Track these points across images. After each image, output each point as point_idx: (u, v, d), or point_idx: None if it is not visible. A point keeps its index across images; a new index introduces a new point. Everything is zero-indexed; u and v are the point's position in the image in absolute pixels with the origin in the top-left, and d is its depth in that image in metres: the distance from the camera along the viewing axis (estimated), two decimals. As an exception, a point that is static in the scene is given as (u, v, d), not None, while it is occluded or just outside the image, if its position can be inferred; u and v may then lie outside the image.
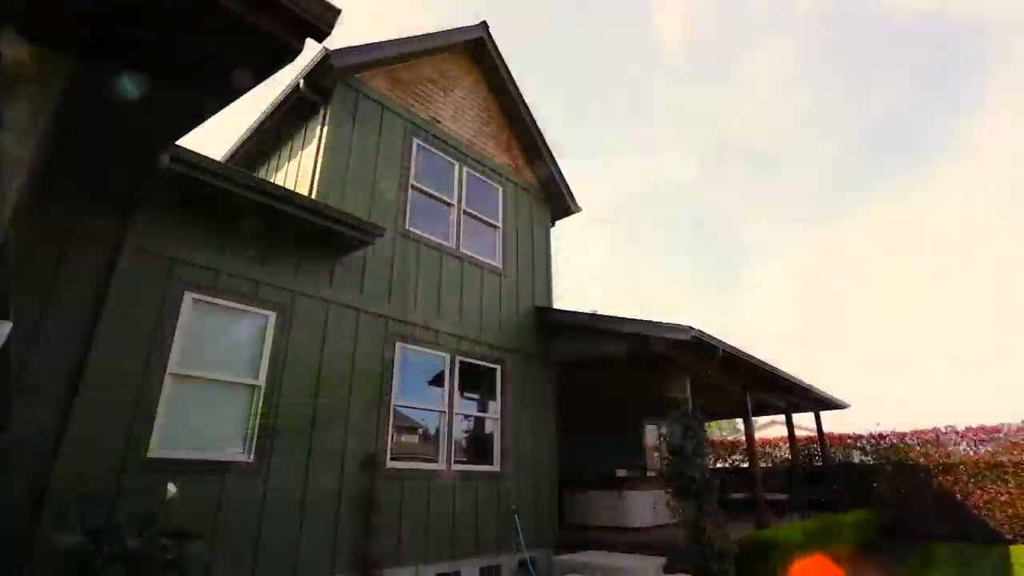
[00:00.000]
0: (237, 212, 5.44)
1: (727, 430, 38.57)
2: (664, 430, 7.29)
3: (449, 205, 8.30)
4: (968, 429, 12.63)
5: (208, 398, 5.16)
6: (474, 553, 6.86)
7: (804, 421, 14.84)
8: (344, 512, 5.69)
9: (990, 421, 12.67)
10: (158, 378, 4.72)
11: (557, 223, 10.65)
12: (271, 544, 5.06)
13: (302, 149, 7.36)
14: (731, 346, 7.77)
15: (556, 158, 10.12)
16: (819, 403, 13.16)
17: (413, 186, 7.74)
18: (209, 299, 5.22)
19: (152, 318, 4.81)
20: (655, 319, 7.18)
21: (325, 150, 6.73)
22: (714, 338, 7.31)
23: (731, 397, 10.42)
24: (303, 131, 7.50)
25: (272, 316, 5.65)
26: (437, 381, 7.29)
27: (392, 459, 6.34)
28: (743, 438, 14.38)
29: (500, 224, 9.02)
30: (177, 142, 4.24)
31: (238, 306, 5.43)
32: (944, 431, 12.91)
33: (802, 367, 14.34)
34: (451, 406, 7.21)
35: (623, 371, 9.97)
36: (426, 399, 7.13)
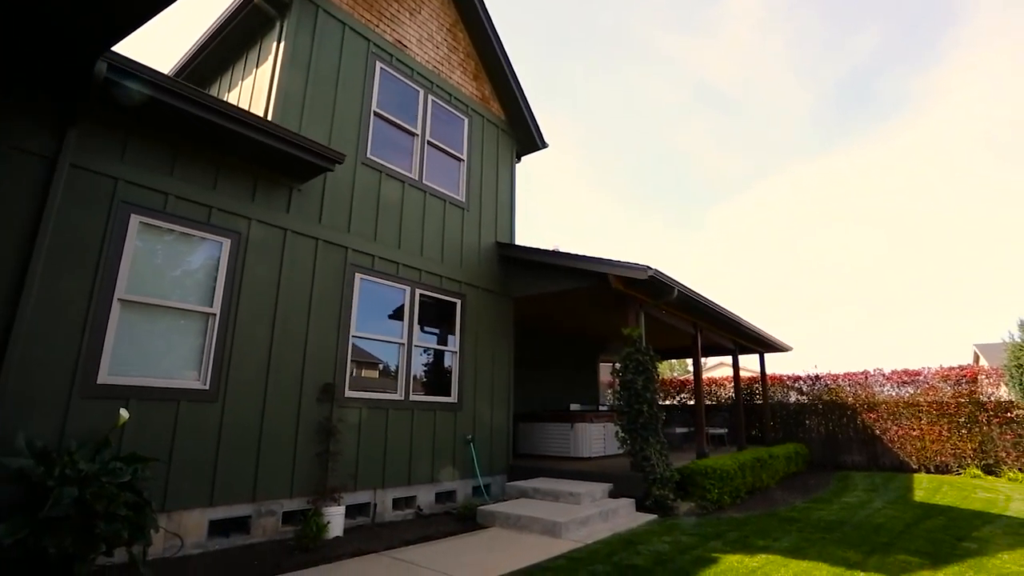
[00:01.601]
0: (185, 132, 5.14)
1: (679, 370, 40.50)
2: (618, 366, 7.59)
3: (412, 135, 8.03)
4: (893, 372, 13.64)
5: (161, 325, 5.04)
6: (430, 479, 7.16)
7: (750, 364, 15.67)
8: (302, 439, 5.80)
9: (914, 365, 13.73)
10: (105, 303, 4.57)
11: (523, 159, 10.49)
12: (229, 469, 5.15)
13: (257, 67, 6.90)
14: (686, 286, 8.04)
15: (524, 91, 9.83)
16: (764, 345, 13.90)
17: (376, 113, 7.42)
18: (158, 223, 4.99)
19: (96, 241, 4.59)
20: (614, 258, 7.32)
21: (282, 69, 6.33)
22: (670, 278, 7.53)
23: (684, 337, 10.89)
24: (258, 47, 7.01)
25: (226, 243, 5.47)
26: (397, 314, 7.32)
27: (351, 389, 6.43)
28: (693, 378, 15.15)
29: (464, 157, 8.82)
30: (116, 49, 3.92)
31: (190, 231, 5.23)
32: (872, 373, 13.90)
33: (751, 312, 14.97)
34: (410, 339, 7.28)
35: (581, 308, 10.22)
36: (386, 331, 7.16)
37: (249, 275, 5.60)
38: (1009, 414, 11.61)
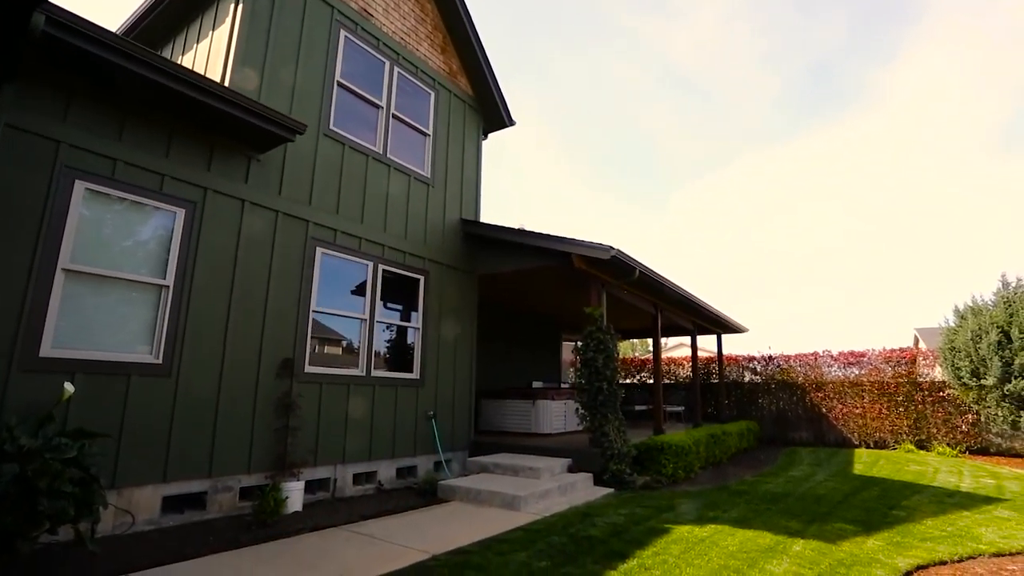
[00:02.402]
0: (134, 95, 4.90)
1: (640, 350, 41.46)
2: (579, 344, 7.72)
3: (377, 107, 7.84)
4: (840, 353, 14.31)
5: (111, 297, 4.85)
6: (391, 454, 7.18)
7: (709, 344, 16.17)
8: (260, 415, 5.72)
9: (859, 347, 14.44)
10: (48, 273, 4.36)
11: (490, 136, 10.40)
12: (184, 444, 5.05)
13: (213, 29, 6.58)
14: (647, 267, 8.20)
15: (492, 67, 9.69)
16: (721, 326, 14.35)
17: (339, 83, 7.21)
18: (106, 190, 4.76)
19: (37, 207, 4.35)
20: (578, 237, 7.40)
21: (240, 32, 6.06)
22: (631, 258, 7.67)
23: (645, 317, 11.13)
24: (215, 7, 6.68)
25: (180, 213, 5.27)
26: (359, 290, 7.23)
27: (311, 364, 6.35)
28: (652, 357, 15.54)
29: (431, 132, 8.68)
30: (58, 1, 3.68)
31: (142, 200, 5.01)
32: (821, 355, 14.55)
33: (711, 294, 15.44)
34: (372, 314, 7.22)
35: (545, 287, 10.32)
36: (347, 307, 7.07)
37: (205, 247, 5.42)
38: (941, 393, 12.38)
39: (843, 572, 3.96)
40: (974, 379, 10.73)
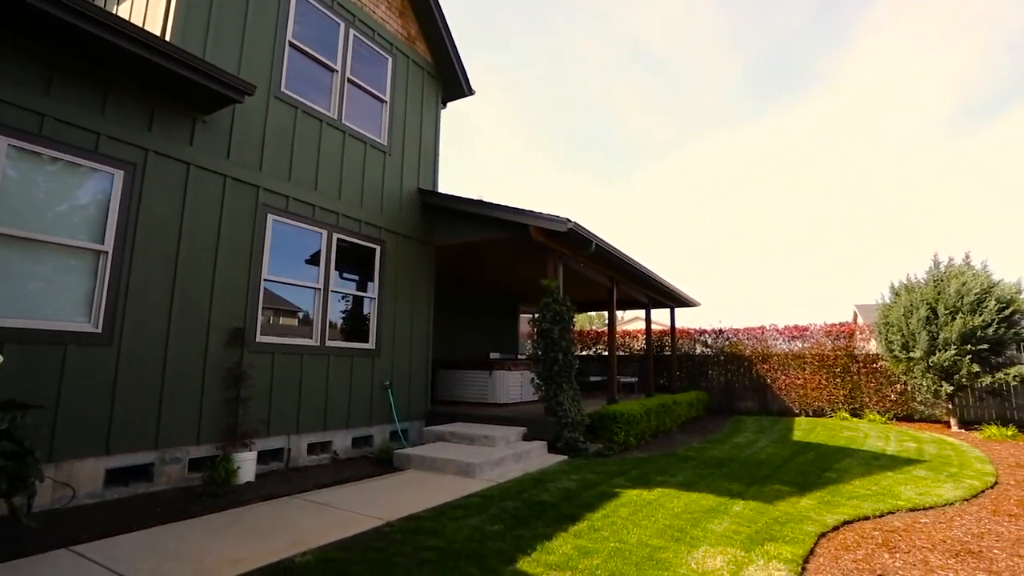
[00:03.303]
0: (61, 45, 4.55)
1: (598, 323, 42.30)
2: (536, 316, 7.81)
3: (332, 71, 7.55)
4: (786, 327, 14.99)
5: (45, 264, 4.57)
6: (347, 424, 7.15)
7: (663, 318, 16.62)
8: (210, 385, 5.58)
9: (803, 322, 15.16)
10: (-30, 234, 4.07)
11: (449, 105, 10.20)
12: (128, 415, 4.88)
13: (150, -24, 6.14)
14: (603, 240, 8.31)
15: (452, 33, 9.44)
16: (675, 300, 14.75)
17: (291, 44, 6.89)
18: (32, 147, 4.45)
19: (-46, 163, 4.03)
20: (536, 209, 7.41)
21: (180, -18, 5.67)
22: (588, 231, 7.75)
23: (601, 290, 11.32)
24: (150, -48, 6.21)
25: (119, 174, 4.99)
26: (313, 259, 7.06)
27: (263, 334, 6.21)
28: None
29: (388, 98, 8.44)
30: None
31: (77, 160, 4.71)
32: (768, 328, 15.20)
33: (667, 270, 15.78)
34: (327, 284, 7.08)
35: (503, 259, 10.34)
36: (301, 276, 6.91)
37: (147, 211, 5.16)
38: (875, 365, 13.19)
39: (778, 529, 4.23)
40: (904, 352, 11.46)
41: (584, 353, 17.88)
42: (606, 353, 17.62)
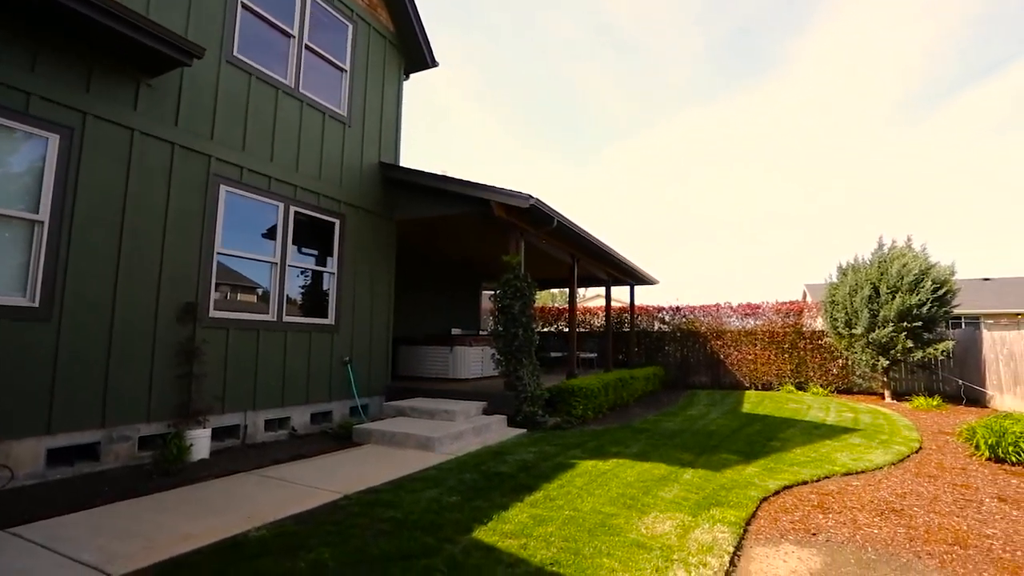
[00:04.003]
0: (-13, -6, 4.21)
1: (560, 300, 42.74)
2: (497, 292, 7.84)
3: (289, 36, 7.24)
4: (739, 305, 15.53)
5: (-30, 231, 4.30)
6: (305, 400, 7.08)
7: (624, 296, 16.94)
8: (160, 361, 5.42)
9: (756, 300, 15.75)
10: None
11: (412, 77, 9.96)
12: (70, 393, 4.70)
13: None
14: (565, 217, 8.37)
15: (416, 1, 9.17)
16: (635, 278, 15.05)
17: (244, 5, 6.56)
18: (-44, 107, 4.14)
19: None
20: (498, 185, 7.39)
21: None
22: (550, 208, 7.79)
23: (562, 268, 11.44)
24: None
25: (54, 139, 4.70)
26: (270, 232, 6.87)
27: (217, 309, 6.03)
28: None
29: (348, 67, 8.17)
30: None
31: (5, 122, 4.40)
32: (723, 306, 15.72)
33: (629, 248, 16.04)
34: (284, 258, 6.91)
35: (465, 234, 10.30)
36: (257, 249, 6.72)
37: (87, 179, 4.90)
38: (820, 341, 13.87)
39: (723, 495, 4.46)
40: (847, 329, 12.07)
41: (546, 329, 18.10)
42: (567, 329, 17.89)
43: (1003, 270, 54.81)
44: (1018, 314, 26.55)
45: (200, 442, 5.36)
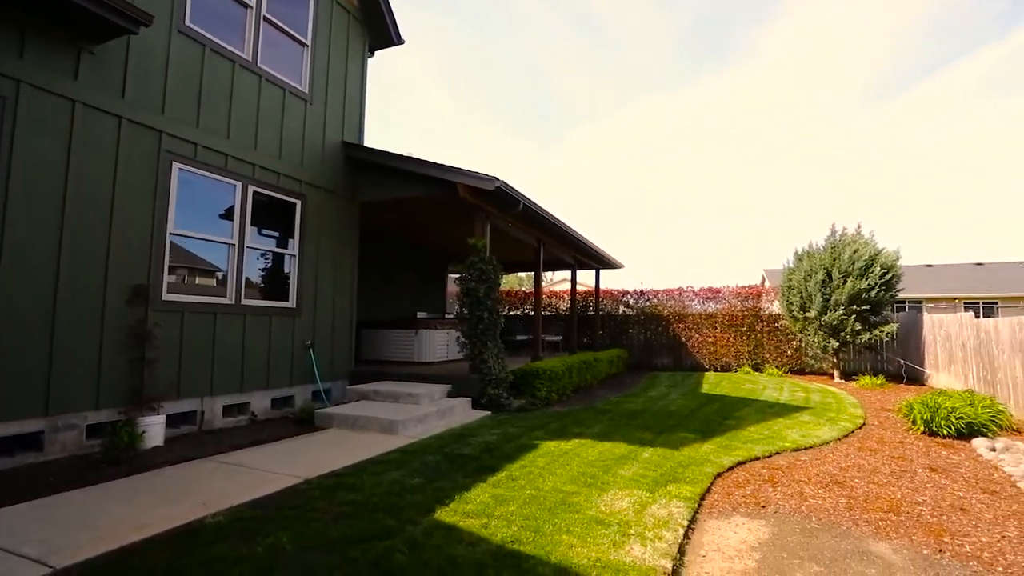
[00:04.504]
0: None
1: (527, 284, 42.86)
2: (462, 274, 7.81)
3: (246, 6, 6.94)
4: (701, 289, 15.91)
5: None
6: (266, 385, 6.94)
7: (590, 280, 17.11)
8: (110, 346, 5.21)
9: (717, 284, 16.16)
10: None
11: (377, 54, 9.70)
12: (6, 381, 4.48)
13: None
14: (531, 200, 8.37)
15: (379, -26, 8.90)
16: (600, 262, 15.21)
17: (194, -30, 6.24)
18: None
19: None
20: (464, 167, 7.31)
21: None
22: (516, 191, 7.77)
23: (528, 251, 11.46)
24: None
25: (-15, 109, 4.41)
26: (228, 213, 6.64)
27: (170, 292, 5.83)
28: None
29: (309, 42, 7.90)
30: None
31: (-74, 88, 4.11)
32: (685, 290, 16.07)
33: (595, 232, 16.16)
34: (242, 239, 6.70)
35: (431, 217, 10.20)
36: (214, 231, 6.49)
37: (22, 152, 4.61)
38: (776, 324, 14.36)
39: (680, 471, 4.61)
40: (802, 312, 12.53)
41: (512, 313, 18.17)
42: (532, 313, 18.01)
43: (944, 257, 57.73)
44: (955, 298, 28.15)
45: (153, 429, 5.21)
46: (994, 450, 5.66)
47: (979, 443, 5.92)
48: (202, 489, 3.96)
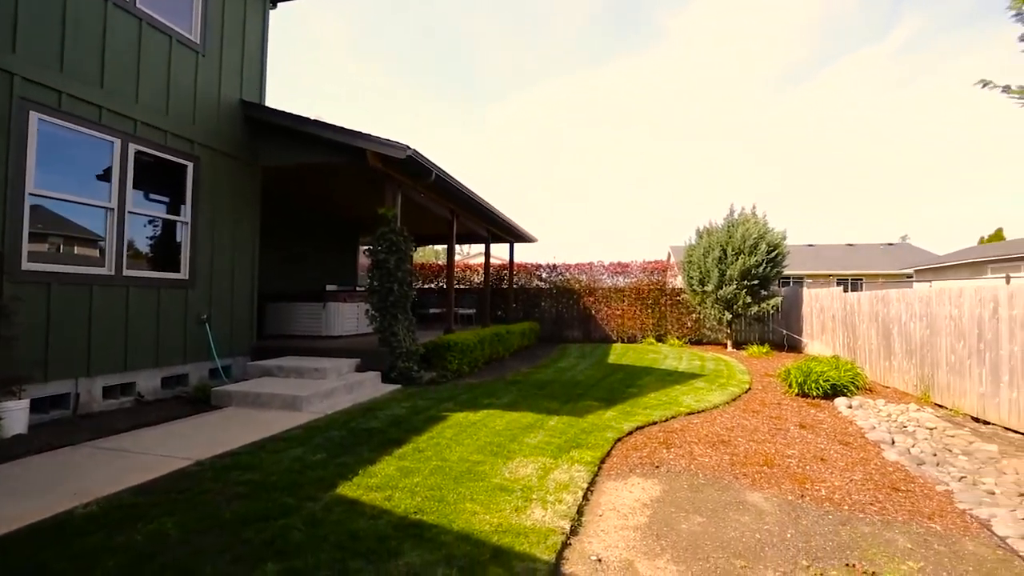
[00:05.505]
0: None
1: (443, 257, 42.50)
2: (372, 246, 7.57)
3: (117, -63, 6.13)
4: (611, 264, 16.54)
5: None
6: (155, 363, 6.42)
7: (505, 253, 17.21)
8: (-44, 320, 4.56)
9: (626, 259, 16.86)
10: None
11: (281, 7, 9.00)
12: None
13: None
14: (444, 171, 8.22)
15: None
16: (514, 235, 15.33)
17: None
18: None
19: None
20: (374, 133, 7.03)
21: None
22: (428, 160, 7.60)
23: (443, 224, 11.31)
24: None
25: None
26: (107, 174, 5.95)
27: (32, 260, 5.18)
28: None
29: (197, -14, 7.15)
30: None
31: None
32: (596, 264, 16.64)
33: (512, 207, 16.22)
34: (122, 203, 6.05)
35: (339, 184, 9.78)
36: (88, 193, 5.80)
37: None
38: (678, 298, 15.30)
39: (583, 438, 4.82)
40: (700, 286, 13.42)
41: (426, 286, 17.97)
42: (446, 286, 17.92)
43: (825, 238, 63.91)
44: (830, 275, 31.64)
45: (14, 415, 4.65)
46: (851, 407, 6.44)
47: (840, 402, 6.71)
48: (73, 477, 3.61)
